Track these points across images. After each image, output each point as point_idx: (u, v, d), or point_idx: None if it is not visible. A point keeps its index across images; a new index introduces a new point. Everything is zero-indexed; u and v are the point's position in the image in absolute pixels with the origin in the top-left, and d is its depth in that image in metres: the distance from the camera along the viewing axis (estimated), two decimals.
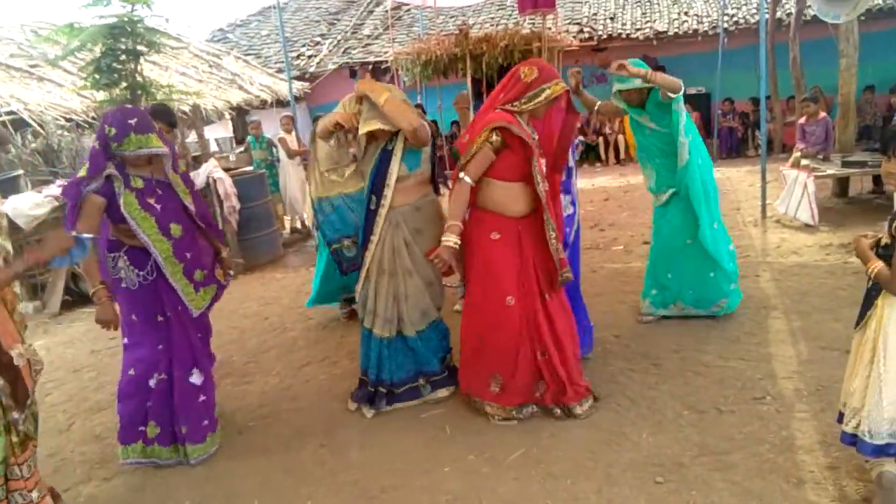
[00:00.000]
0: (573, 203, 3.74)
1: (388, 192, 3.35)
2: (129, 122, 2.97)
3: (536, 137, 3.20)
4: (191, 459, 3.26)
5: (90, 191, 2.95)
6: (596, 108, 4.31)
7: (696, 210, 4.03)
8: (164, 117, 4.20)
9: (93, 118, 7.71)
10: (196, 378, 3.29)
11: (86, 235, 2.48)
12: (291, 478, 3.07)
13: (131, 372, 3.22)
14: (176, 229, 3.17)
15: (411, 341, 3.53)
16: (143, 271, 3.13)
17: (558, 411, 3.27)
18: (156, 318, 3.21)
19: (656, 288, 4.38)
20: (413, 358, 3.57)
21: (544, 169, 3.17)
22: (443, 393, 3.63)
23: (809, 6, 7.75)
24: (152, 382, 3.23)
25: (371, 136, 3.36)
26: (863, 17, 7.46)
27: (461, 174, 3.08)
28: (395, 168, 3.33)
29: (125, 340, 3.27)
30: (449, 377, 3.66)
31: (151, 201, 3.11)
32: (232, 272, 3.49)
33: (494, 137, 3.02)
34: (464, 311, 3.45)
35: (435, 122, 3.29)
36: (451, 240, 3.03)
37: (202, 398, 3.32)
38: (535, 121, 3.24)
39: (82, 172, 3.00)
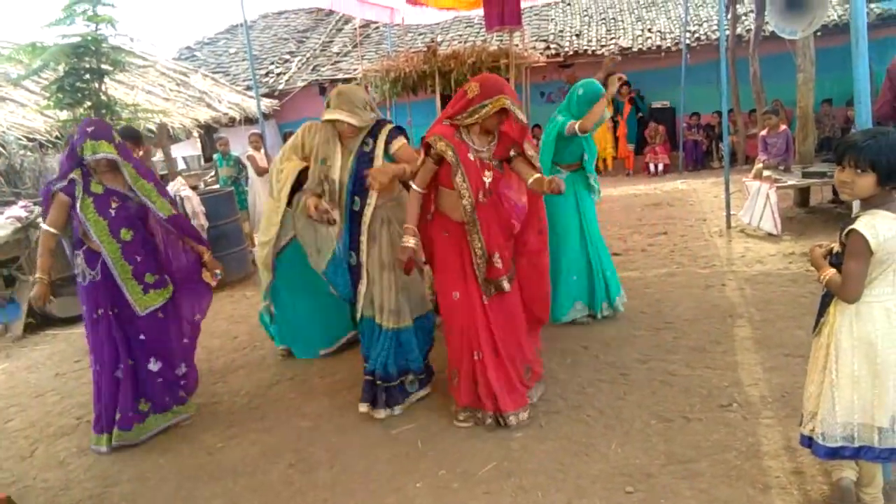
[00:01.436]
0: None
1: (373, 192, 3.43)
2: (87, 129, 3.43)
3: (491, 147, 3.28)
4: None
5: (58, 189, 3.42)
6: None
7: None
8: (128, 134, 4.45)
9: (56, 138, 7.58)
10: (119, 372, 3.61)
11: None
12: (260, 499, 3.02)
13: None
14: (126, 234, 3.53)
15: (405, 334, 3.58)
16: (93, 270, 3.52)
17: (489, 420, 3.32)
18: (96, 313, 3.55)
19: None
20: (402, 353, 3.60)
21: (487, 181, 3.22)
22: (425, 391, 3.73)
23: (767, 23, 7.96)
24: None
25: (339, 136, 3.45)
26: (819, 33, 7.69)
27: (411, 182, 3.32)
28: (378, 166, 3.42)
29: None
30: (428, 375, 3.76)
31: (107, 207, 3.48)
32: (219, 272, 3.86)
33: (431, 150, 3.21)
34: None
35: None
36: (409, 241, 3.25)
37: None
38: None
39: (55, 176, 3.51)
